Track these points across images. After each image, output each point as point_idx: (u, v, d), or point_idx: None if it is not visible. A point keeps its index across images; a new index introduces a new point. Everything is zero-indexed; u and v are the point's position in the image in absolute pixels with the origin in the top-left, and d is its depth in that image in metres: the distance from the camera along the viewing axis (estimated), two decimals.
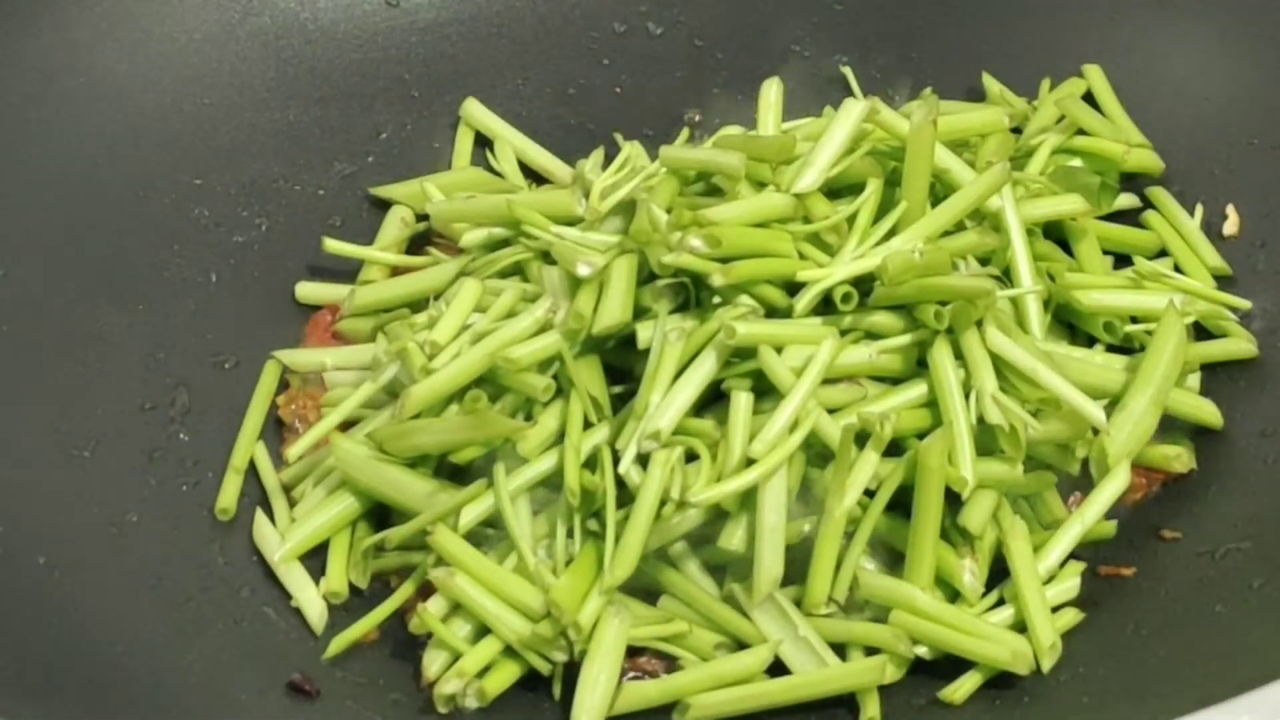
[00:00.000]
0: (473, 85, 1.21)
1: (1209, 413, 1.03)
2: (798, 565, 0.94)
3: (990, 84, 1.18)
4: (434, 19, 1.22)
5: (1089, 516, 0.98)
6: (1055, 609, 0.95)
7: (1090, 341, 1.04)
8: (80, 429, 1.03)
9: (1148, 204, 1.13)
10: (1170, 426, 1.02)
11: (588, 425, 0.97)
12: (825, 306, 0.98)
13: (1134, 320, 1.04)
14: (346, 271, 1.14)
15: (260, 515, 1.04)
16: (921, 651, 0.94)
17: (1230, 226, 1.11)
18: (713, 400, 0.97)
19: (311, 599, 1.00)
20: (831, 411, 0.95)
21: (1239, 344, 1.06)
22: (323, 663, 0.97)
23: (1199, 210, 1.12)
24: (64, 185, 1.10)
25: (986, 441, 0.95)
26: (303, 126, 1.18)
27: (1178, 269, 1.09)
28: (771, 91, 1.08)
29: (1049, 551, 0.97)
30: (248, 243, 1.14)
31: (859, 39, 1.22)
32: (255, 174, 1.16)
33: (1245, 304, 1.07)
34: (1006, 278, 1.01)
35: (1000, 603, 0.96)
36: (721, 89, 1.21)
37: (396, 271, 1.13)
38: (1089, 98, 1.15)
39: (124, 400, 1.06)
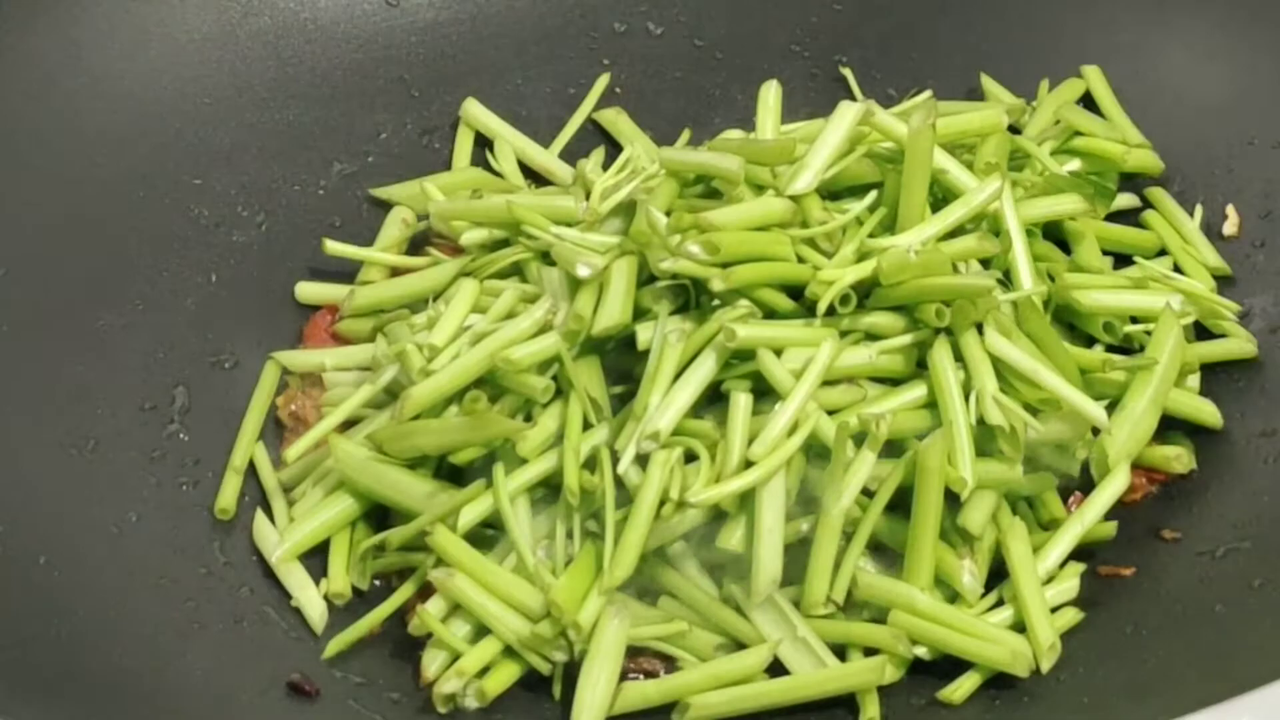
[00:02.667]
0: (473, 85, 1.21)
1: (1209, 413, 1.03)
2: (797, 566, 0.94)
3: (989, 84, 1.18)
4: (434, 19, 1.22)
5: (1089, 517, 0.98)
6: (1055, 609, 0.96)
7: (1090, 341, 1.04)
8: (80, 429, 1.03)
9: (1147, 204, 1.13)
10: (1170, 427, 1.03)
11: (587, 426, 0.97)
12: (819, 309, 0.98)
13: (1134, 320, 1.04)
14: (346, 272, 1.14)
15: (260, 515, 1.04)
16: (921, 652, 0.94)
17: (1230, 226, 1.11)
18: (712, 401, 0.97)
19: (312, 599, 1.00)
20: (831, 413, 0.95)
21: (1239, 344, 1.06)
22: (323, 663, 0.97)
23: (1199, 210, 1.12)
24: (64, 185, 1.10)
25: (986, 442, 0.95)
26: (303, 126, 1.18)
27: (1177, 269, 1.09)
28: (770, 94, 1.08)
29: (1048, 552, 0.97)
30: (248, 243, 1.14)
31: (859, 39, 1.21)
32: (255, 174, 1.16)
33: (1236, 306, 1.07)
34: (1007, 279, 1.01)
35: (1000, 603, 0.96)
36: (721, 89, 1.21)
37: (396, 272, 1.13)
38: (1088, 98, 1.16)
39: (124, 400, 1.06)
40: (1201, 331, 1.07)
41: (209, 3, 1.17)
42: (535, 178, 1.19)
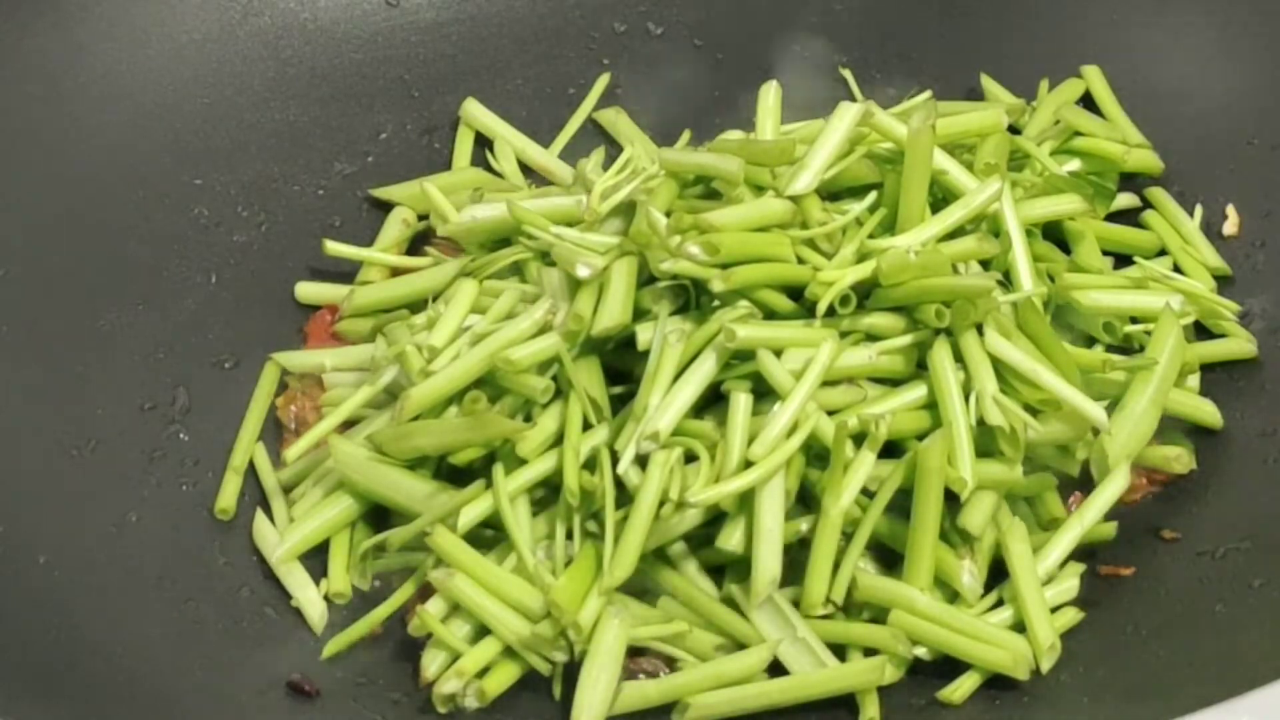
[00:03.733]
0: (473, 85, 1.21)
1: (1209, 413, 1.03)
2: (797, 566, 0.94)
3: (989, 84, 1.18)
4: (434, 19, 1.22)
5: (1089, 517, 0.98)
6: (1055, 609, 0.95)
7: (1090, 341, 1.04)
8: (80, 429, 1.04)
9: (1147, 204, 1.13)
10: (1170, 427, 1.03)
11: (587, 426, 0.97)
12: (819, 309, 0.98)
13: (1134, 320, 1.04)
14: (346, 272, 1.14)
15: (260, 515, 1.04)
16: (921, 652, 0.94)
17: (1230, 226, 1.11)
18: (712, 401, 0.97)
19: (312, 599, 1.00)
20: (831, 413, 0.95)
21: (1239, 344, 1.06)
22: (322, 663, 0.97)
23: (1199, 210, 1.12)
24: (64, 185, 1.10)
25: (986, 443, 0.95)
26: (303, 126, 1.18)
27: (1177, 269, 1.09)
28: (770, 95, 1.08)
29: (1048, 552, 0.97)
30: (248, 243, 1.14)
31: (859, 39, 1.22)
32: (255, 174, 1.16)
33: (1236, 306, 1.07)
34: (1007, 280, 1.01)
35: (1000, 603, 0.96)
36: (721, 89, 1.21)
37: (397, 272, 1.13)
38: (1088, 98, 1.16)
39: (124, 400, 1.06)
40: (1201, 331, 1.07)
41: (209, 3, 1.18)
42: (535, 178, 1.19)
